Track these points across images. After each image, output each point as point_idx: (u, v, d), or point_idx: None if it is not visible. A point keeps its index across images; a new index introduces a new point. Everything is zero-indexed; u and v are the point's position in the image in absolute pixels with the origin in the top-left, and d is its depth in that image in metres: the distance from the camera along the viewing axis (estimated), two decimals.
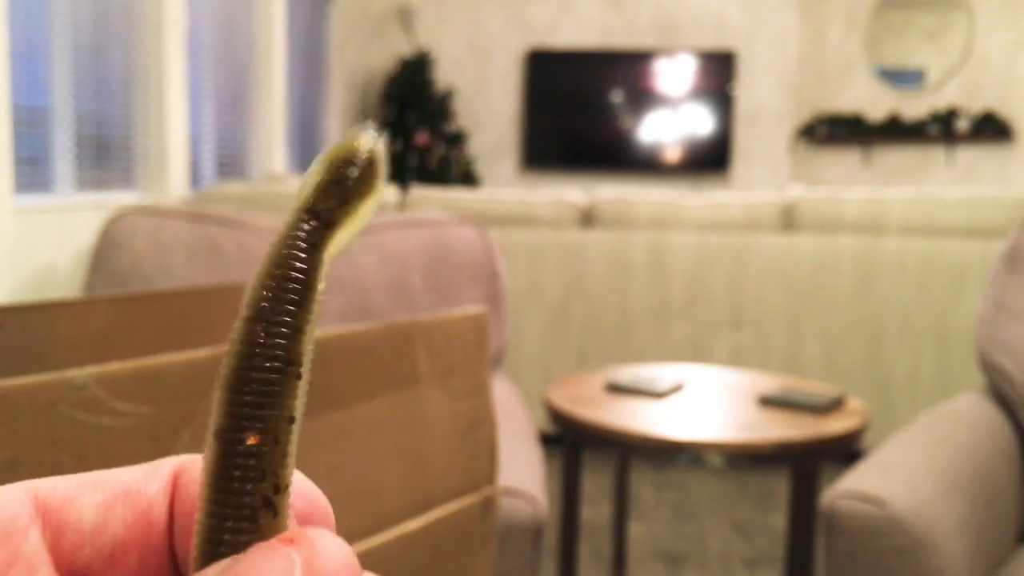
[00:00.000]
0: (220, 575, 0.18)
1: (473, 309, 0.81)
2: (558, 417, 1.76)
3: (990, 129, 5.75)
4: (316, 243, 0.20)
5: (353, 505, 0.68)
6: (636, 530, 2.53)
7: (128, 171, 3.35)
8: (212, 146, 4.09)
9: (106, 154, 3.23)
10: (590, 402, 1.80)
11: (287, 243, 0.20)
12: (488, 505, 0.82)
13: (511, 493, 1.20)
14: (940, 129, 5.82)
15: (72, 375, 0.52)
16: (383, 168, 0.21)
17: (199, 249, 1.70)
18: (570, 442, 1.86)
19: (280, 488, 0.19)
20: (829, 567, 1.26)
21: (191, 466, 0.22)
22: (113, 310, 0.91)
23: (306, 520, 0.21)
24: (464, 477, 0.79)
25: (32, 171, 2.77)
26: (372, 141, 0.21)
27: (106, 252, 1.73)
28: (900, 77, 5.97)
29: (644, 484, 2.92)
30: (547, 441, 2.14)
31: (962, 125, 5.79)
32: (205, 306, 0.99)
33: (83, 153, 3.02)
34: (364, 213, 0.21)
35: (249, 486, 0.19)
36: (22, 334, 0.83)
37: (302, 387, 0.20)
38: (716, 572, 2.34)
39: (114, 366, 0.54)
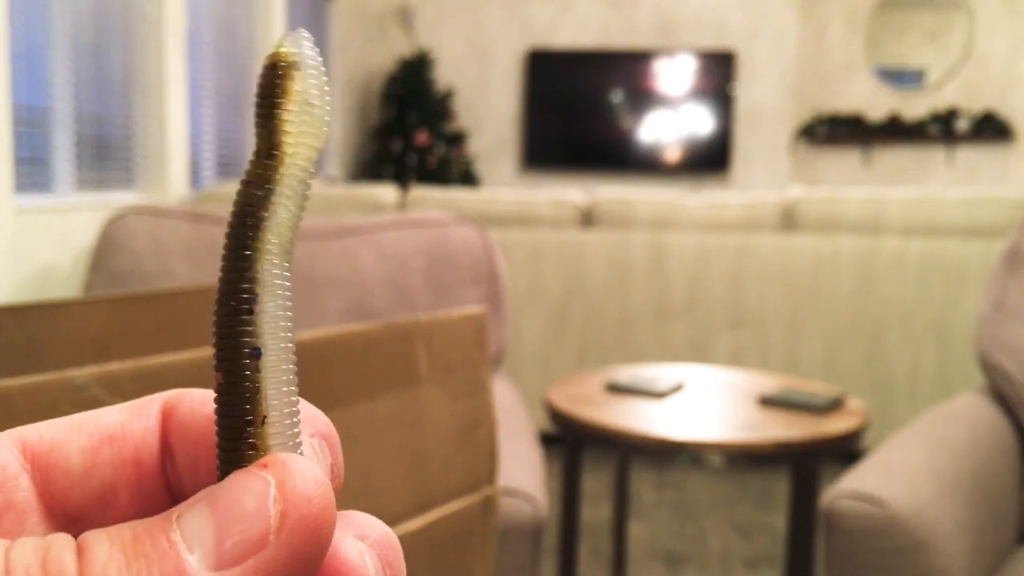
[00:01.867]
0: (199, 501, 0.19)
1: (473, 309, 0.81)
2: (558, 417, 1.76)
3: (990, 129, 5.75)
4: (260, 176, 0.20)
5: (353, 505, 0.68)
6: (636, 530, 2.53)
7: (128, 171, 3.35)
8: (212, 146, 4.09)
9: (106, 154, 3.23)
10: (590, 402, 1.80)
11: (239, 185, 0.20)
12: (488, 505, 0.82)
13: (511, 493, 1.20)
14: (940, 129, 5.83)
15: (72, 375, 0.52)
16: (296, 64, 0.20)
17: (199, 249, 1.70)
18: (570, 442, 1.86)
19: (254, 422, 0.20)
20: (829, 567, 1.26)
21: (183, 399, 0.22)
22: (113, 310, 0.91)
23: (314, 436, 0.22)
24: (464, 477, 0.79)
25: (32, 171, 2.77)
26: (281, 43, 0.20)
27: (106, 252, 1.73)
28: (900, 77, 5.97)
29: (644, 484, 2.92)
30: (547, 441, 2.14)
31: (962, 125, 5.79)
32: (205, 306, 0.99)
33: (83, 153, 3.02)
34: (293, 121, 0.20)
35: (225, 421, 0.20)
36: (22, 334, 0.83)
37: (262, 320, 0.20)
38: (716, 572, 2.34)
39: (114, 366, 0.54)
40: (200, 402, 0.22)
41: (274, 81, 0.20)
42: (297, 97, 0.20)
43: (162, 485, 0.22)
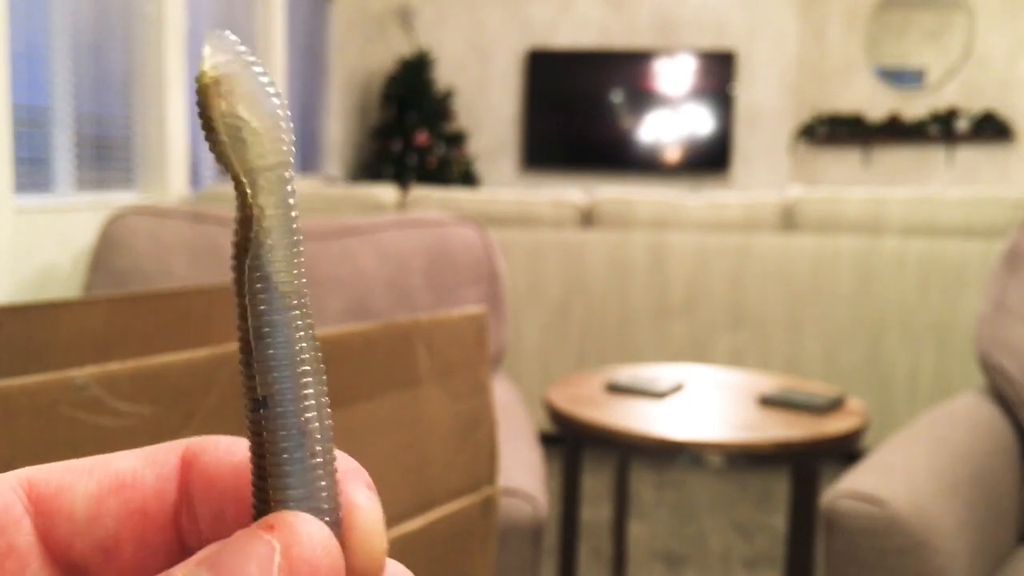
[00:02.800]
0: (200, 564, 0.18)
1: (473, 309, 0.81)
2: (558, 417, 1.76)
3: (990, 129, 5.75)
4: (242, 212, 0.19)
5: None
6: (636, 530, 2.52)
7: (128, 171, 3.35)
8: None
9: (106, 154, 3.23)
10: (590, 402, 1.80)
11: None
12: (488, 505, 0.82)
13: (511, 493, 1.20)
14: (940, 129, 5.82)
15: (72, 375, 0.52)
16: (217, 84, 0.18)
17: (199, 249, 1.70)
18: (570, 442, 1.86)
19: (266, 475, 0.19)
20: (829, 567, 1.26)
21: (207, 448, 0.21)
22: (113, 310, 0.91)
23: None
24: (464, 477, 0.79)
25: (32, 171, 2.77)
26: (202, 59, 0.18)
27: (106, 252, 1.73)
28: (900, 77, 5.97)
29: (644, 484, 2.92)
30: (547, 441, 2.14)
31: (962, 125, 5.79)
32: (205, 306, 0.99)
33: (83, 153, 3.02)
34: (240, 147, 0.18)
35: (252, 475, 0.19)
36: (22, 334, 0.83)
37: (262, 369, 0.19)
38: (716, 572, 2.34)
39: (114, 366, 0.54)
40: (227, 450, 0.21)
41: (203, 110, 0.18)
42: (230, 120, 0.18)
43: (171, 538, 0.21)
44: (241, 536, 0.18)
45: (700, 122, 6.15)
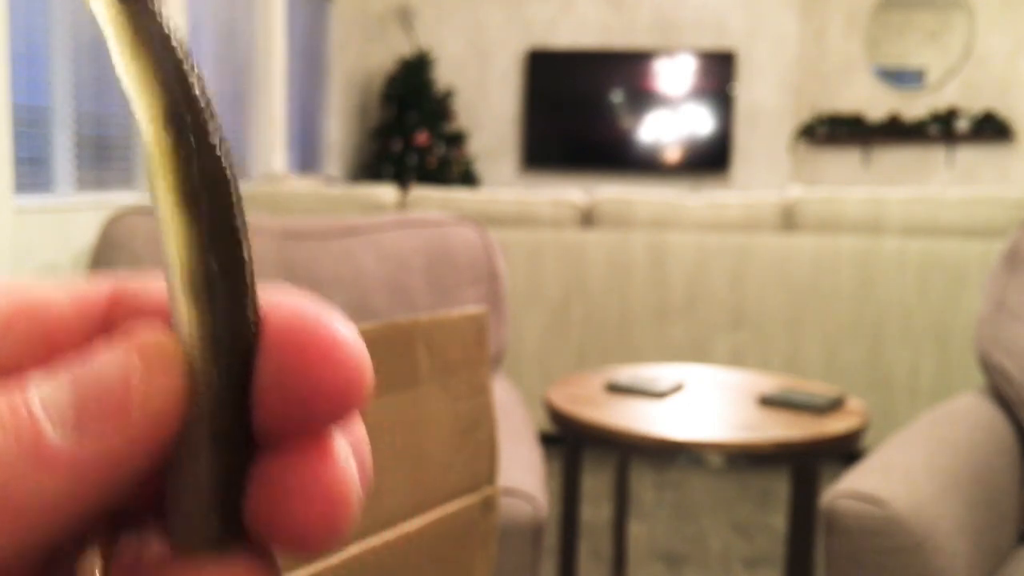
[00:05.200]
0: (61, 371, 0.17)
1: (473, 309, 0.81)
2: (558, 417, 1.76)
3: (990, 129, 5.75)
4: None
5: None
6: (636, 530, 2.52)
7: (128, 171, 3.35)
8: None
9: (106, 154, 3.23)
10: (590, 402, 1.80)
11: None
12: (488, 505, 0.82)
13: (511, 493, 1.20)
14: (940, 129, 5.82)
15: None
16: None
17: None
18: (570, 442, 1.86)
19: None
20: (829, 567, 1.26)
21: (138, 284, 0.19)
22: None
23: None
24: (464, 477, 0.79)
25: (32, 171, 2.77)
26: None
27: (106, 252, 1.73)
28: (900, 77, 5.97)
29: (644, 484, 2.92)
30: (547, 441, 2.14)
31: (962, 125, 5.79)
32: None
33: (83, 153, 3.02)
34: None
35: None
36: None
37: None
38: (716, 572, 2.34)
39: None
40: (158, 287, 0.19)
41: None
42: None
43: None
44: (96, 345, 0.17)
45: (700, 122, 6.15)
